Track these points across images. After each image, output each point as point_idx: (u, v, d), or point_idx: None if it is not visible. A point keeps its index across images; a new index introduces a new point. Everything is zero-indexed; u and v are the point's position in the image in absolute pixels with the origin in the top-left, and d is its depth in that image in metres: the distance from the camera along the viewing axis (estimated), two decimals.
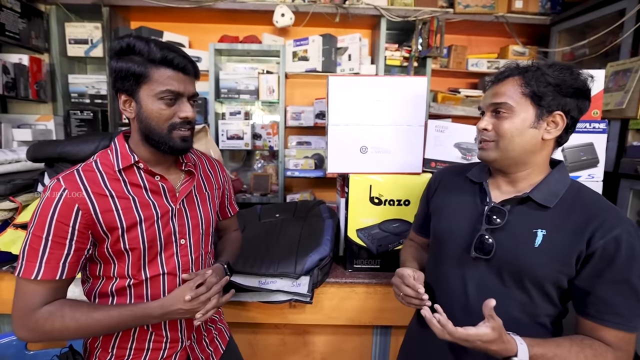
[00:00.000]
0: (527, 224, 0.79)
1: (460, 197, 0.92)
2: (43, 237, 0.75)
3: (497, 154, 0.81)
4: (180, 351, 0.92)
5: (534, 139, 0.79)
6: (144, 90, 0.79)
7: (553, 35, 2.62)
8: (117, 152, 0.84)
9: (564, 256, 0.75)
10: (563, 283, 0.77)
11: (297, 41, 2.61)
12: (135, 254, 0.83)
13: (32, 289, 0.75)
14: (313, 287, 1.25)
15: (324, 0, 2.54)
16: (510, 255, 0.79)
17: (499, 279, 0.81)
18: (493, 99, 0.81)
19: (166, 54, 0.78)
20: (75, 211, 0.76)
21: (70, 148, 1.40)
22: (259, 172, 2.92)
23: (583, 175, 1.33)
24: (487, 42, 2.90)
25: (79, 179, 0.79)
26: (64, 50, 2.58)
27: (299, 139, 2.83)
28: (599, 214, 0.75)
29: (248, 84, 2.58)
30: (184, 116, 0.82)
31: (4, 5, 2.17)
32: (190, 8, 2.48)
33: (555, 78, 0.76)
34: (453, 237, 0.89)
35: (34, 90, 2.40)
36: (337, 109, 1.35)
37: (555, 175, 0.82)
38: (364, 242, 1.39)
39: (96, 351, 0.88)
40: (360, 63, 2.58)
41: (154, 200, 0.85)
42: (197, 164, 0.98)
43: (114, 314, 0.78)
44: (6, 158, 1.67)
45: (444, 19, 2.49)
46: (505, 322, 0.77)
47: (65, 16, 2.56)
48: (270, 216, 1.75)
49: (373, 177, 1.35)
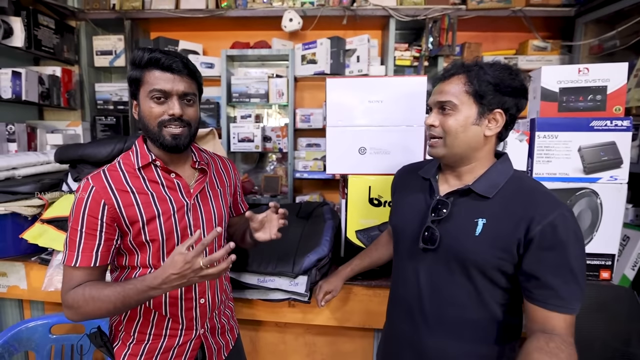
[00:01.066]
0: (469, 214, 0.84)
1: (413, 194, 0.98)
2: (78, 230, 0.85)
3: (445, 150, 0.85)
4: (194, 339, 0.99)
5: (476, 135, 0.83)
6: (141, 92, 0.89)
7: (578, 27, 2.46)
8: (137, 152, 0.93)
9: (503, 243, 0.78)
10: (506, 269, 0.79)
11: (306, 45, 2.65)
12: (155, 245, 0.91)
13: (73, 274, 0.86)
14: (311, 287, 1.27)
15: (332, 3, 2.56)
16: (454, 244, 0.84)
17: (447, 268, 0.86)
18: (439, 97, 0.85)
19: (153, 56, 0.86)
20: (102, 206, 0.85)
21: (90, 150, 1.52)
22: (270, 173, 2.99)
23: (604, 177, 1.21)
24: (503, 38, 2.79)
25: (104, 177, 0.88)
26: (91, 61, 2.76)
27: (308, 141, 2.86)
28: (535, 201, 0.78)
29: (258, 87, 2.65)
30: (171, 113, 0.88)
31: (41, 23, 2.38)
32: (204, 17, 2.58)
33: (495, 77, 0.80)
34: (405, 232, 0.95)
35: (65, 98, 2.60)
36: (335, 110, 1.37)
37: (498, 167, 0.86)
38: (363, 243, 1.39)
39: (120, 334, 0.98)
40: (369, 64, 2.57)
41: (170, 195, 0.93)
42: (209, 163, 1.05)
43: (119, 289, 0.83)
44: (38, 160, 1.83)
45: (456, 16, 2.44)
46: (455, 310, 0.85)
47: (92, 30, 2.75)
48: None
49: (372, 178, 1.35)
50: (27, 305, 1.62)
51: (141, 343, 0.96)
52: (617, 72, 1.22)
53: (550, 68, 1.27)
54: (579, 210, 1.24)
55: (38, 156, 1.84)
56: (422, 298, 0.89)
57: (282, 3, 2.60)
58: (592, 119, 1.21)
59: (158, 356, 0.96)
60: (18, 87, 2.19)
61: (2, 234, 1.42)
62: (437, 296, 0.87)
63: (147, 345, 0.96)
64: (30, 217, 1.45)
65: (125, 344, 0.97)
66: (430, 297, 0.88)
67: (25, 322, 1.36)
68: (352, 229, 1.39)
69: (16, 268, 1.48)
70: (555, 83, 1.26)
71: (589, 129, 1.21)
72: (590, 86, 1.24)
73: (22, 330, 1.34)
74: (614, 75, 1.22)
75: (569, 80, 1.25)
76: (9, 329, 1.33)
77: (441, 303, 0.87)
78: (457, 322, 0.86)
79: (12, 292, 1.50)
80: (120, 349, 0.97)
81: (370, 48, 2.57)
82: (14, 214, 1.42)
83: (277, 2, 2.60)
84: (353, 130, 1.37)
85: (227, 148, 2.67)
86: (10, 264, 1.47)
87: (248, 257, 1.31)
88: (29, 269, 1.47)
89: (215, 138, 1.84)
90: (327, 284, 1.24)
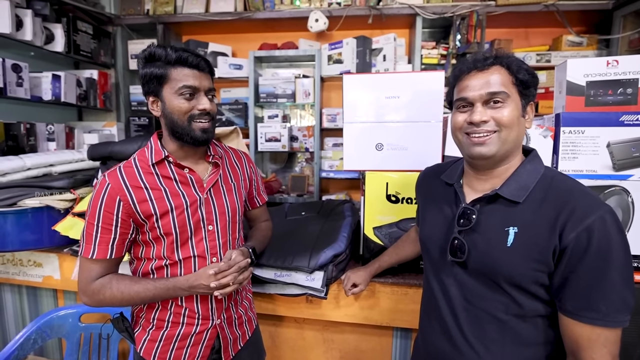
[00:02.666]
0: (498, 222, 0.75)
1: (437, 202, 0.90)
2: (94, 224, 0.89)
3: (499, 146, 0.74)
4: (211, 329, 1.01)
5: (523, 129, 0.77)
6: (166, 89, 0.90)
7: (616, 20, 2.34)
8: (152, 149, 0.96)
9: (539, 253, 0.70)
10: (544, 280, 0.71)
11: (332, 45, 2.66)
12: (169, 238, 0.94)
13: (90, 265, 0.91)
14: (327, 283, 1.27)
15: (358, 3, 2.56)
16: (484, 256, 0.76)
17: (478, 282, 0.78)
18: (487, 88, 0.74)
19: (181, 55, 0.89)
20: (117, 202, 0.89)
21: (118, 148, 1.59)
22: (297, 173, 3.00)
23: (636, 174, 1.15)
24: (535, 33, 2.68)
25: (120, 174, 0.91)
26: (126, 65, 2.91)
27: (334, 141, 2.87)
28: (569, 203, 0.69)
29: (285, 88, 2.69)
30: (201, 108, 0.91)
31: (80, 29, 2.53)
32: (233, 20, 2.66)
33: (529, 68, 0.75)
34: (432, 244, 0.88)
35: (101, 100, 2.75)
36: (352, 106, 1.36)
37: (527, 166, 0.77)
38: (381, 240, 1.37)
39: (141, 320, 1.02)
40: (395, 62, 2.55)
41: (183, 190, 0.95)
42: (223, 157, 1.07)
43: (150, 287, 0.92)
44: (73, 157, 1.93)
45: (485, 13, 2.37)
46: (493, 325, 0.76)
47: (128, 35, 2.90)
48: (296, 213, 1.80)
49: (389, 175, 1.33)
50: (60, 295, 1.72)
51: (160, 330, 0.99)
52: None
53: (576, 61, 1.21)
54: None
55: (73, 154, 1.94)
56: (456, 314, 0.81)
57: (309, 4, 2.63)
58: (622, 114, 1.14)
59: (176, 343, 0.99)
60: (57, 89, 2.34)
61: (38, 226, 1.50)
62: (472, 312, 0.79)
63: (165, 332, 0.99)
64: (63, 210, 1.54)
65: (145, 330, 1.00)
66: (465, 313, 0.80)
67: (57, 310, 1.43)
68: (369, 225, 1.37)
69: (50, 259, 1.57)
70: (582, 76, 1.20)
71: (619, 124, 1.15)
72: (620, 79, 1.18)
73: (54, 318, 1.41)
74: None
75: (596, 73, 1.19)
76: (42, 316, 1.40)
77: (478, 319, 0.78)
78: (498, 339, 0.77)
79: (47, 282, 1.60)
80: (140, 335, 1.01)
81: (396, 47, 2.55)
82: (49, 208, 1.51)
83: (304, 3, 2.63)
84: (370, 126, 1.36)
85: (254, 148, 2.72)
86: (45, 255, 1.56)
87: (265, 252, 1.32)
88: (62, 260, 1.56)
89: (239, 136, 1.87)
90: (355, 276, 1.22)
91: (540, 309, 0.74)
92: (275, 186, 2.84)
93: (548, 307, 0.74)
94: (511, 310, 0.75)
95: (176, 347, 0.99)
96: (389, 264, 1.25)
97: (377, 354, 1.44)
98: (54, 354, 1.78)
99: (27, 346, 1.33)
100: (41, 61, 2.50)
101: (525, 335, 0.75)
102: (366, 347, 1.44)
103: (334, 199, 2.51)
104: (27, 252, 1.55)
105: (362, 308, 1.35)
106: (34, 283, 1.61)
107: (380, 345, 1.43)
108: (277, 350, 1.50)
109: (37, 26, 2.21)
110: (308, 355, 1.48)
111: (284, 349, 1.50)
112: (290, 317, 1.45)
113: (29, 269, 1.60)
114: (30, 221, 1.48)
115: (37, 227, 1.50)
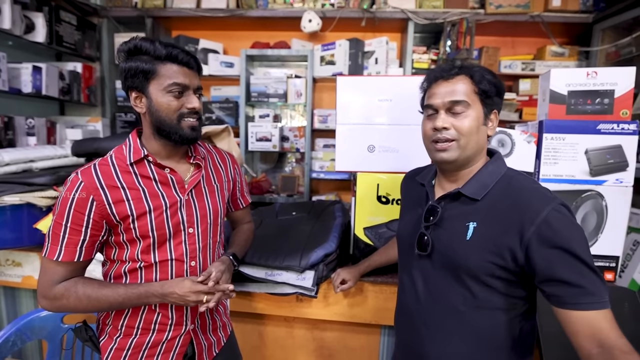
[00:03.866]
0: (460, 218, 0.81)
1: (412, 201, 0.97)
2: (63, 224, 0.83)
3: (459, 153, 0.80)
4: (184, 335, 0.96)
5: (484, 136, 0.83)
6: (153, 85, 0.86)
7: (595, 33, 2.45)
8: (130, 146, 0.90)
9: (495, 245, 0.75)
10: (500, 274, 0.76)
11: (325, 46, 2.67)
12: (146, 241, 0.89)
13: (54, 267, 0.85)
14: (318, 282, 1.27)
15: (352, 5, 2.58)
16: (446, 249, 0.81)
17: (441, 274, 0.83)
18: (450, 97, 0.80)
19: (171, 51, 0.85)
20: (90, 202, 0.83)
21: (104, 144, 1.55)
22: (287, 173, 2.99)
23: (610, 180, 1.23)
24: (521, 43, 2.77)
25: (94, 172, 0.86)
26: (112, 59, 2.83)
27: (325, 142, 2.87)
28: (524, 201, 0.75)
29: (277, 87, 2.68)
30: (191, 107, 0.89)
31: (63, 20, 2.44)
32: (225, 17, 2.63)
33: (492, 79, 0.80)
34: (404, 239, 0.95)
35: (86, 94, 2.66)
36: (345, 108, 1.38)
37: (489, 167, 0.83)
38: (371, 240, 1.39)
39: (107, 327, 0.95)
40: (387, 66, 2.58)
41: (163, 191, 0.90)
42: (206, 157, 1.02)
43: (121, 292, 0.86)
44: (55, 153, 1.87)
45: (474, 20, 2.43)
46: (453, 317, 0.81)
47: (114, 28, 2.81)
48: (287, 213, 1.80)
49: (380, 176, 1.36)
50: None
51: (128, 337, 0.93)
52: (625, 76, 1.23)
53: (559, 71, 1.27)
54: (584, 212, 1.25)
55: (56, 149, 1.88)
56: (421, 307, 0.87)
57: (303, 4, 2.63)
58: (599, 122, 1.22)
59: (146, 351, 0.94)
60: (38, 81, 2.22)
61: (18, 224, 1.43)
62: (435, 304, 0.84)
63: (134, 339, 0.93)
64: (45, 208, 1.47)
65: (112, 338, 0.94)
66: (429, 305, 0.85)
67: (38, 311, 1.37)
68: (360, 226, 1.39)
69: (31, 259, 1.51)
70: (564, 86, 1.27)
71: (596, 132, 1.22)
72: (598, 89, 1.25)
73: (35, 319, 1.35)
74: (621, 79, 1.23)
75: (577, 83, 1.26)
76: (22, 317, 1.34)
77: (440, 311, 0.83)
78: (457, 331, 0.81)
79: (26, 282, 1.54)
80: (106, 343, 0.95)
81: (388, 50, 2.58)
82: (30, 205, 1.43)
83: (297, 3, 2.63)
84: (362, 128, 1.38)
85: (244, 147, 2.69)
86: (25, 254, 1.51)
87: (257, 251, 1.32)
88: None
89: (230, 135, 1.85)
90: (345, 273, 1.24)
91: (496, 301, 0.78)
92: (265, 186, 2.83)
93: (503, 300, 0.78)
94: (468, 301, 0.80)
95: (146, 355, 0.93)
96: (378, 264, 1.28)
97: (365, 352, 1.46)
98: (34, 356, 1.72)
99: (5, 349, 1.27)
100: (20, 51, 2.37)
101: (483, 328, 0.79)
102: (355, 344, 1.46)
103: (325, 200, 2.52)
104: (5, 251, 1.49)
105: (350, 306, 1.36)
106: (13, 283, 1.55)
107: (368, 342, 1.45)
108: (267, 349, 1.50)
109: (16, 14, 2.07)
110: (297, 354, 1.49)
111: (274, 347, 1.50)
112: (280, 316, 1.45)
113: (7, 268, 1.54)
114: (9, 219, 1.41)
115: (17, 225, 1.43)
